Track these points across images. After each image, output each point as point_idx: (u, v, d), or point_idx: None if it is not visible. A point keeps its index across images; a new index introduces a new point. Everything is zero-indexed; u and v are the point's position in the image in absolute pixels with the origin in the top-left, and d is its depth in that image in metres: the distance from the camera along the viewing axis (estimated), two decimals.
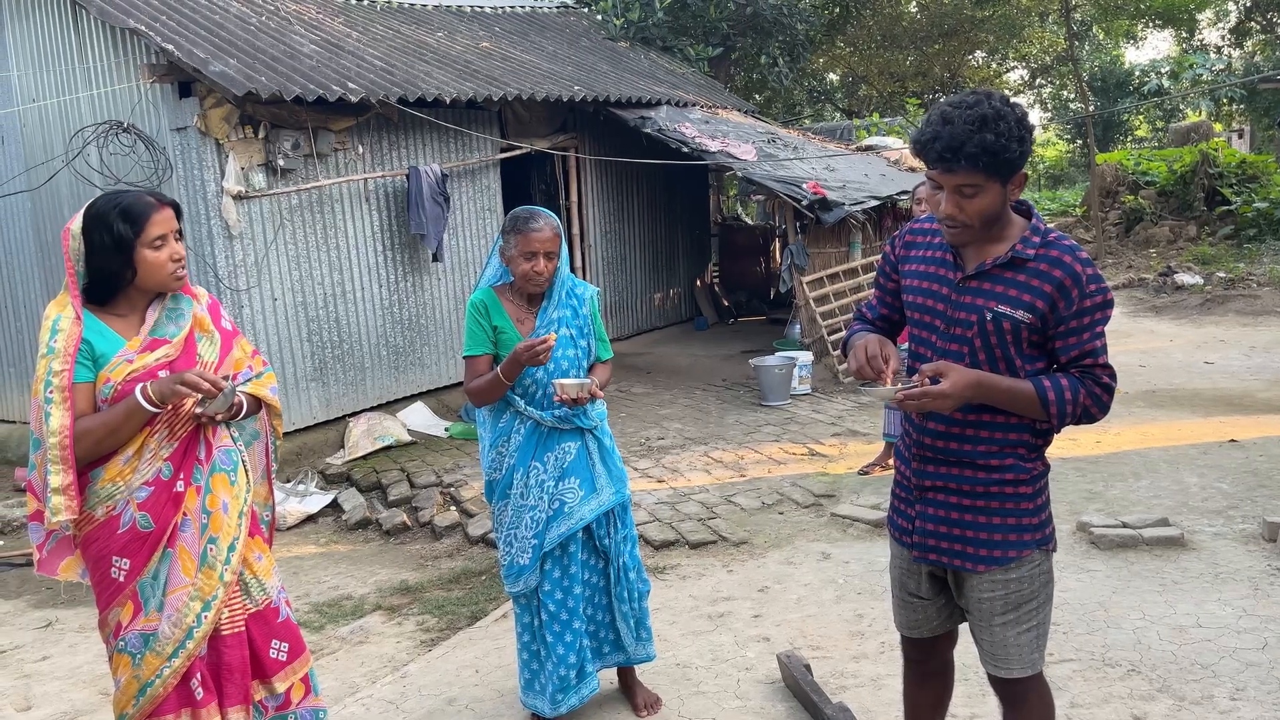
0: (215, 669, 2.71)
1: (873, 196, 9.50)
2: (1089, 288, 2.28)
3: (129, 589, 2.61)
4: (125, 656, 2.63)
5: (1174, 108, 32.72)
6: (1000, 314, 2.32)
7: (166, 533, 2.63)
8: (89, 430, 2.55)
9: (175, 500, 2.65)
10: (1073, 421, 2.33)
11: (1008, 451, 2.38)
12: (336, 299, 7.67)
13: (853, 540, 5.23)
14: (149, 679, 2.62)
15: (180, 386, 2.55)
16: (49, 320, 2.59)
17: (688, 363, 10.19)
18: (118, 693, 2.65)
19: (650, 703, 3.59)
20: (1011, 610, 2.40)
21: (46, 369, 2.54)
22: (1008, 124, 2.20)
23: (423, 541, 6.05)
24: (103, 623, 2.67)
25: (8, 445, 8.52)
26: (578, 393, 3.20)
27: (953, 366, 2.30)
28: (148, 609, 2.62)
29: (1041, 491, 2.44)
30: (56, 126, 7.60)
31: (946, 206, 2.29)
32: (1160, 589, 4.28)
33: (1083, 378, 2.31)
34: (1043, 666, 2.47)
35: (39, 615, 5.33)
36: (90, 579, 2.68)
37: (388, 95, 7.45)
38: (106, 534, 2.60)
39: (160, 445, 2.64)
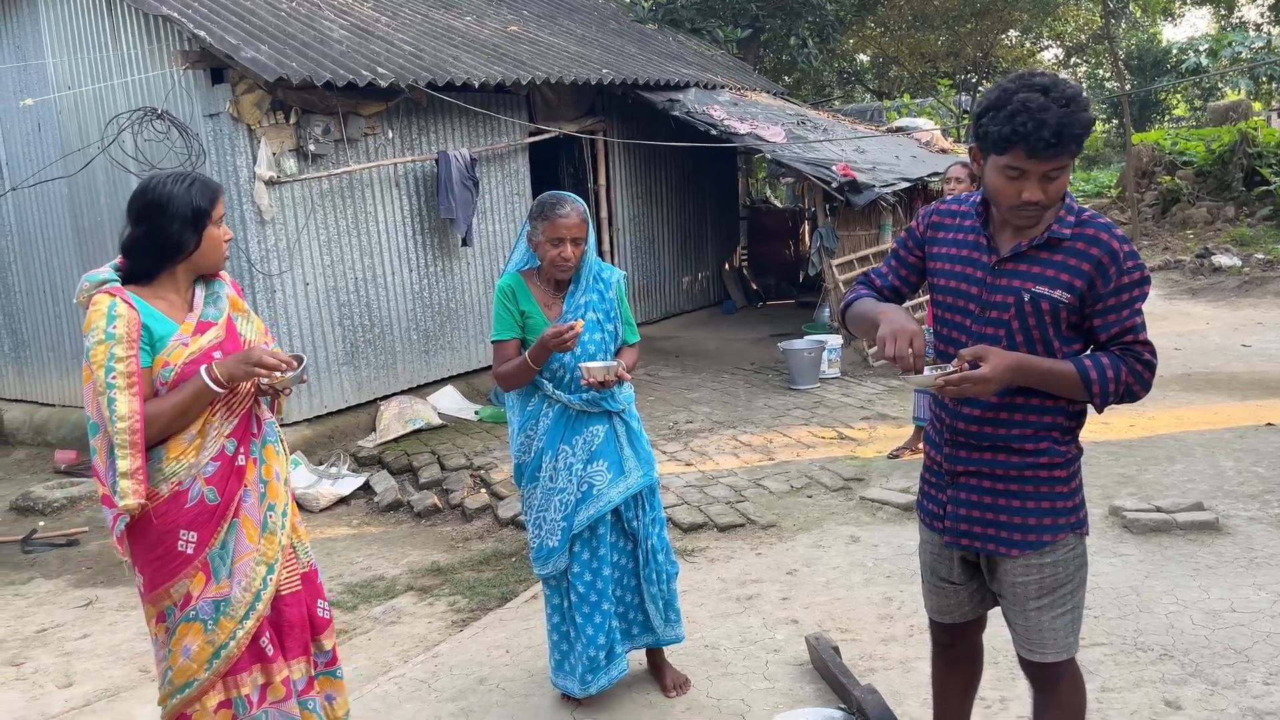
0: (278, 627, 2.86)
1: (903, 178, 9.42)
2: (1126, 264, 2.26)
3: (198, 560, 2.72)
4: (196, 624, 2.74)
5: (1212, 86, 32.11)
6: (1038, 294, 2.29)
7: (232, 505, 2.76)
8: (159, 414, 2.62)
9: (238, 474, 2.78)
10: (1115, 400, 2.30)
11: (1042, 435, 2.36)
12: (367, 283, 7.72)
13: (882, 524, 5.22)
14: (224, 641, 2.75)
15: (255, 367, 2.65)
16: (101, 305, 2.62)
17: (716, 346, 10.18)
18: (186, 660, 2.74)
19: (679, 683, 3.61)
20: (1047, 594, 2.39)
21: (108, 355, 2.57)
22: (1084, 99, 2.19)
23: (453, 523, 6.11)
24: (160, 596, 2.73)
25: (47, 428, 8.68)
26: (604, 376, 3.21)
27: (992, 350, 2.27)
28: (218, 578, 2.74)
29: (1075, 475, 2.42)
30: (92, 113, 7.69)
31: (1033, 192, 2.22)
32: (1194, 573, 4.24)
33: (1123, 355, 2.29)
34: (1077, 650, 2.46)
35: (79, 594, 5.44)
36: (147, 555, 2.73)
37: (417, 80, 7.48)
38: (174, 509, 2.69)
39: (223, 423, 2.74)
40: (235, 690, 2.79)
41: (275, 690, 2.84)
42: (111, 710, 4.01)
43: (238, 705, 2.80)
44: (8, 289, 8.94)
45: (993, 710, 3.31)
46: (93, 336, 2.61)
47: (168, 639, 2.75)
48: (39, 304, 8.72)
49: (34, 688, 4.34)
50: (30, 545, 6.25)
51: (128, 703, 4.07)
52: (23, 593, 5.54)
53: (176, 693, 2.77)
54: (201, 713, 2.76)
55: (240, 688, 2.79)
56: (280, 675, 2.85)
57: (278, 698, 2.85)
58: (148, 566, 2.74)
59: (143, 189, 2.74)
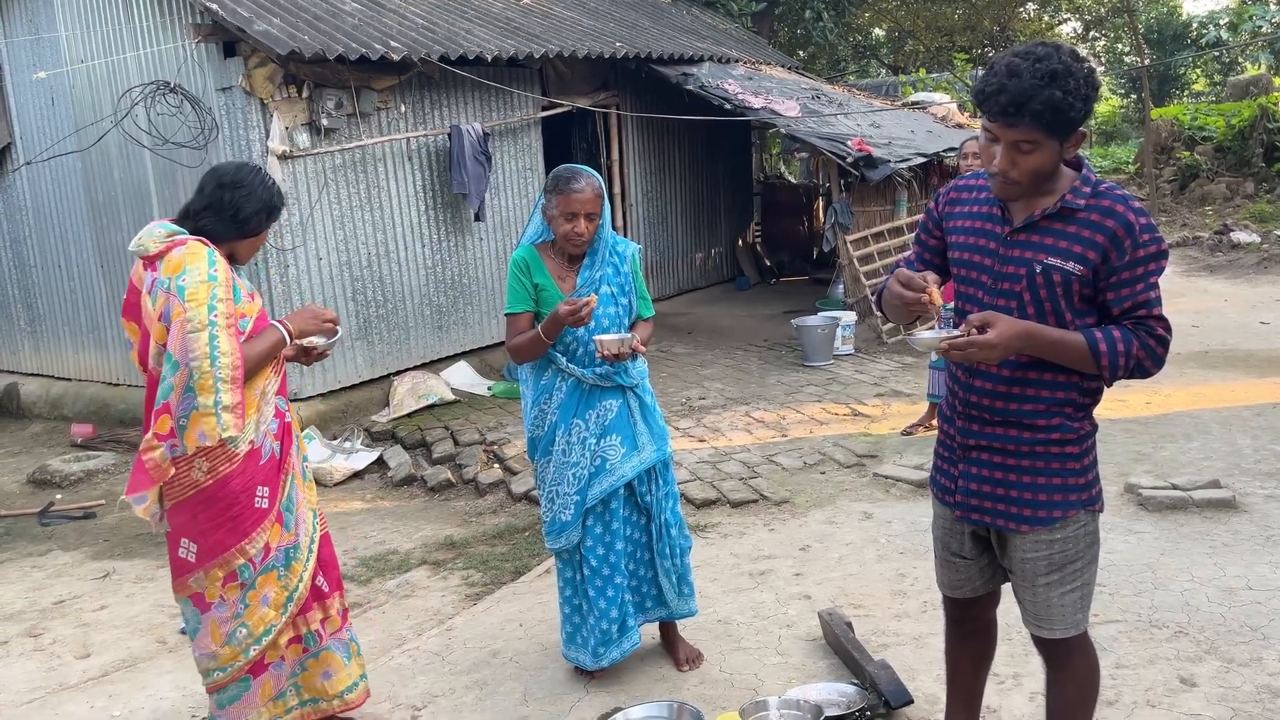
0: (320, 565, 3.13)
1: (919, 154, 9.34)
2: (1142, 237, 2.22)
3: (273, 512, 2.92)
4: (273, 573, 2.94)
5: (1232, 61, 31.68)
6: (1050, 266, 2.27)
7: (288, 458, 2.98)
8: (249, 357, 2.84)
9: (288, 429, 3.02)
10: (1125, 375, 2.27)
11: (1055, 410, 2.34)
12: (380, 258, 7.72)
13: (895, 500, 5.21)
14: (294, 585, 2.98)
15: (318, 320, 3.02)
16: (200, 251, 2.81)
17: (729, 323, 10.15)
18: (265, 609, 2.93)
19: (691, 657, 3.62)
20: (1056, 571, 2.38)
21: (210, 294, 2.75)
22: (1075, 81, 2.14)
23: (466, 498, 6.12)
24: (231, 557, 2.87)
25: (63, 402, 8.73)
26: (619, 348, 3.20)
27: (1000, 317, 2.25)
28: (289, 527, 2.97)
29: (1088, 451, 2.40)
30: (105, 87, 7.68)
31: (1001, 161, 2.24)
32: (1209, 551, 4.22)
33: (1135, 329, 2.25)
34: (1087, 627, 2.45)
35: (97, 566, 5.48)
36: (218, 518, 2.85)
37: (429, 53, 7.43)
38: (252, 466, 2.87)
39: (275, 381, 2.99)
40: (306, 627, 3.07)
41: (333, 622, 3.15)
42: (129, 680, 4.05)
43: (308, 640, 3.09)
44: (23, 264, 8.98)
45: (1006, 686, 3.30)
46: (193, 276, 2.76)
47: (242, 595, 2.90)
48: (54, 278, 8.75)
49: (52, 658, 4.38)
50: (47, 518, 6.30)
51: (145, 673, 4.10)
52: (41, 565, 5.59)
53: (254, 644, 2.93)
54: (274, 649, 2.99)
55: (310, 624, 3.08)
56: (333, 608, 3.14)
57: (335, 628, 3.15)
58: (217, 529, 2.85)
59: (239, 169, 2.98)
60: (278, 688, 3.05)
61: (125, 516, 6.35)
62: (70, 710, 3.80)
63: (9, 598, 5.11)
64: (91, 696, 3.93)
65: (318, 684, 3.11)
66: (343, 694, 3.16)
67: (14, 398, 9.04)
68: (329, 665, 3.12)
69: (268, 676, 3.02)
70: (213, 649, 2.94)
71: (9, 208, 8.92)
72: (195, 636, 2.98)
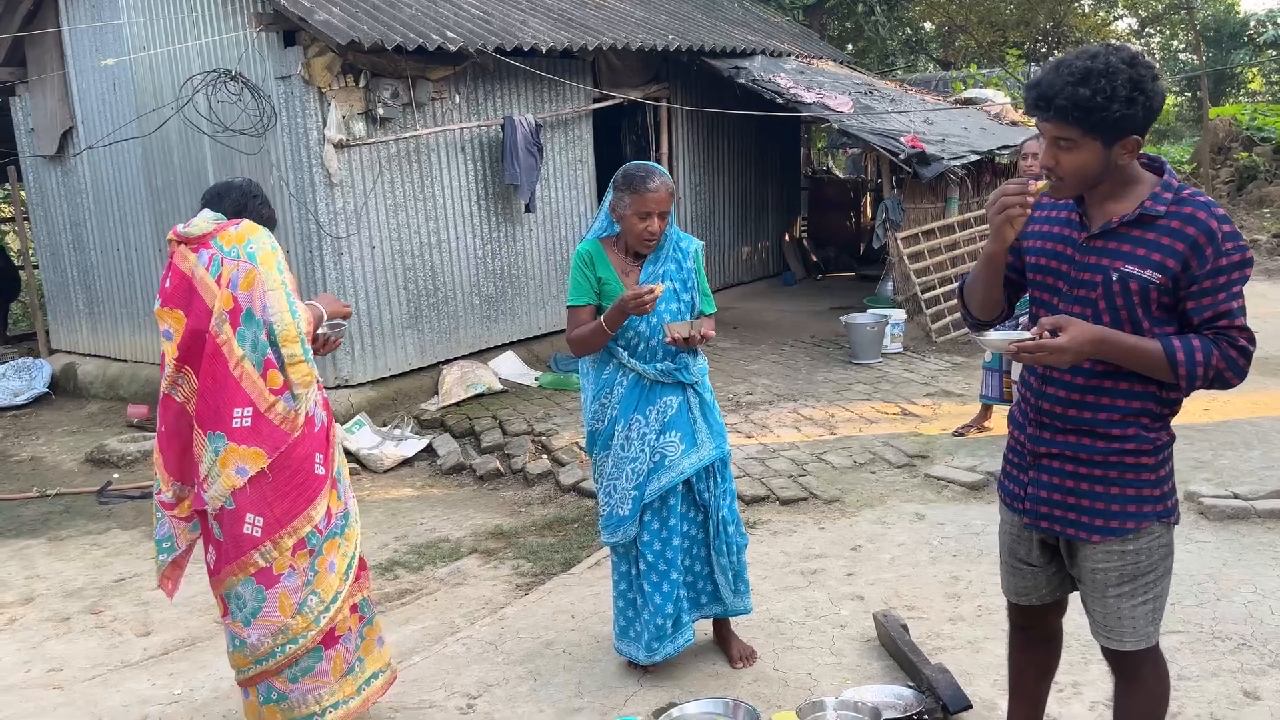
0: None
1: (973, 151, 9.23)
2: (1225, 245, 2.17)
3: (330, 477, 3.02)
4: (335, 539, 3.04)
5: None
6: (1127, 274, 2.23)
7: (332, 428, 3.10)
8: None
9: (325, 402, 3.13)
10: (1204, 385, 2.23)
11: (1130, 420, 2.30)
12: (431, 248, 7.78)
13: (947, 502, 5.17)
14: (352, 551, 3.08)
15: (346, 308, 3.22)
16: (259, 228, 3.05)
17: (775, 318, 10.11)
18: (332, 575, 3.02)
19: (745, 655, 3.62)
20: (1127, 582, 2.35)
21: (278, 260, 2.99)
22: (1112, 82, 2.10)
23: (515, 488, 6.17)
24: (300, 524, 2.96)
25: (119, 383, 8.90)
26: (688, 332, 3.22)
27: (1073, 321, 2.23)
28: (341, 493, 3.07)
29: (1165, 463, 2.35)
30: (166, 74, 7.80)
31: (1044, 156, 2.24)
32: (1273, 562, 4.15)
33: (1216, 339, 2.20)
34: (1158, 639, 2.42)
35: None
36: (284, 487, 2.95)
37: (485, 44, 7.47)
38: (310, 433, 3.00)
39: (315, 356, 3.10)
40: (360, 594, 3.14)
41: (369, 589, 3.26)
42: (189, 659, 4.13)
43: (363, 607, 3.17)
44: (82, 246, 9.16)
45: (1065, 695, 3.27)
46: (261, 244, 2.99)
47: (311, 562, 2.98)
48: (113, 261, 8.92)
49: (113, 635, 4.48)
50: (105, 497, 6.44)
51: (205, 653, 4.18)
52: (100, 543, 5.71)
53: (324, 611, 2.99)
54: (343, 620, 3.07)
55: (363, 590, 3.17)
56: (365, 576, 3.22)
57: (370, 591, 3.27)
58: (285, 498, 2.94)
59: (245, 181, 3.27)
60: (347, 662, 3.11)
61: None
62: (133, 687, 3.88)
63: (70, 574, 5.23)
64: (153, 674, 4.01)
65: (375, 651, 3.21)
66: (390, 663, 3.28)
67: (72, 377, 9.24)
68: (381, 631, 3.27)
69: (338, 650, 3.07)
70: (283, 622, 2.97)
71: (69, 191, 9.10)
72: (255, 618, 3.00)
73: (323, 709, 3.05)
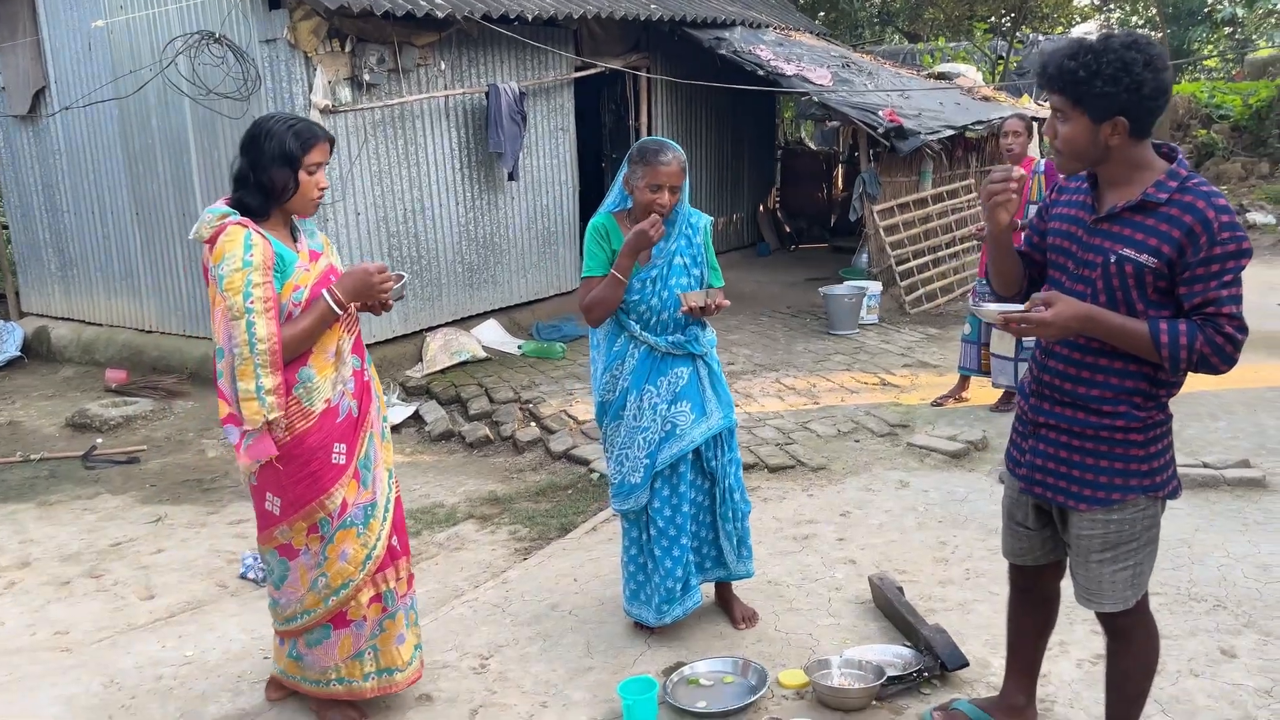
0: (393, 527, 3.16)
1: (948, 126, 9.38)
2: (1221, 235, 2.26)
3: (350, 469, 2.97)
4: (351, 529, 2.99)
5: (1246, 39, 31.51)
6: (1124, 257, 2.35)
7: (368, 416, 3.02)
8: (292, 336, 2.83)
9: (366, 387, 3.05)
10: (1188, 367, 2.34)
11: (1122, 399, 2.42)
12: (415, 215, 7.78)
13: (930, 470, 5.34)
14: (373, 544, 3.03)
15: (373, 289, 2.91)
16: (237, 236, 2.79)
17: (752, 289, 10.23)
18: (343, 564, 3.00)
19: (747, 616, 3.76)
20: (1110, 549, 2.49)
21: (245, 281, 2.75)
22: (1099, 59, 2.24)
23: (505, 455, 6.25)
24: (312, 511, 2.96)
25: (94, 346, 8.82)
26: (704, 301, 3.33)
27: (1062, 297, 2.37)
28: (366, 484, 3.02)
29: (1156, 440, 2.46)
30: (145, 35, 7.68)
31: (1046, 126, 2.44)
32: (1242, 528, 4.37)
33: (1204, 325, 2.30)
34: (1137, 601, 2.55)
35: (147, 510, 5.62)
36: (297, 474, 2.93)
37: (472, 11, 7.44)
38: (329, 424, 2.92)
39: (348, 340, 2.99)
40: (385, 585, 3.10)
41: (401, 584, 3.17)
42: (197, 622, 4.19)
43: (387, 599, 3.12)
44: (55, 208, 9.02)
45: (1054, 654, 3.43)
46: (229, 265, 2.76)
47: (322, 547, 2.98)
48: (87, 224, 8.80)
49: (116, 599, 4.52)
50: (91, 461, 6.43)
51: (211, 615, 4.24)
52: (91, 507, 5.72)
53: (332, 595, 3.01)
54: (356, 607, 3.05)
55: (388, 582, 3.12)
56: (404, 570, 3.18)
57: (404, 591, 3.19)
58: (298, 485, 2.93)
59: (253, 124, 2.92)
60: (356, 647, 3.09)
61: (169, 462, 6.49)
62: (142, 649, 3.93)
63: (64, 539, 5.25)
64: (162, 637, 4.06)
65: (393, 649, 3.13)
66: (411, 661, 3.19)
67: (45, 341, 9.13)
68: (402, 628, 3.16)
69: (348, 633, 3.07)
70: (301, 593, 3.06)
71: (42, 151, 8.95)
72: (283, 584, 3.09)
73: (327, 681, 3.13)
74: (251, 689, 3.50)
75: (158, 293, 8.41)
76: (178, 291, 8.24)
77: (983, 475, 5.21)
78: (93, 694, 3.54)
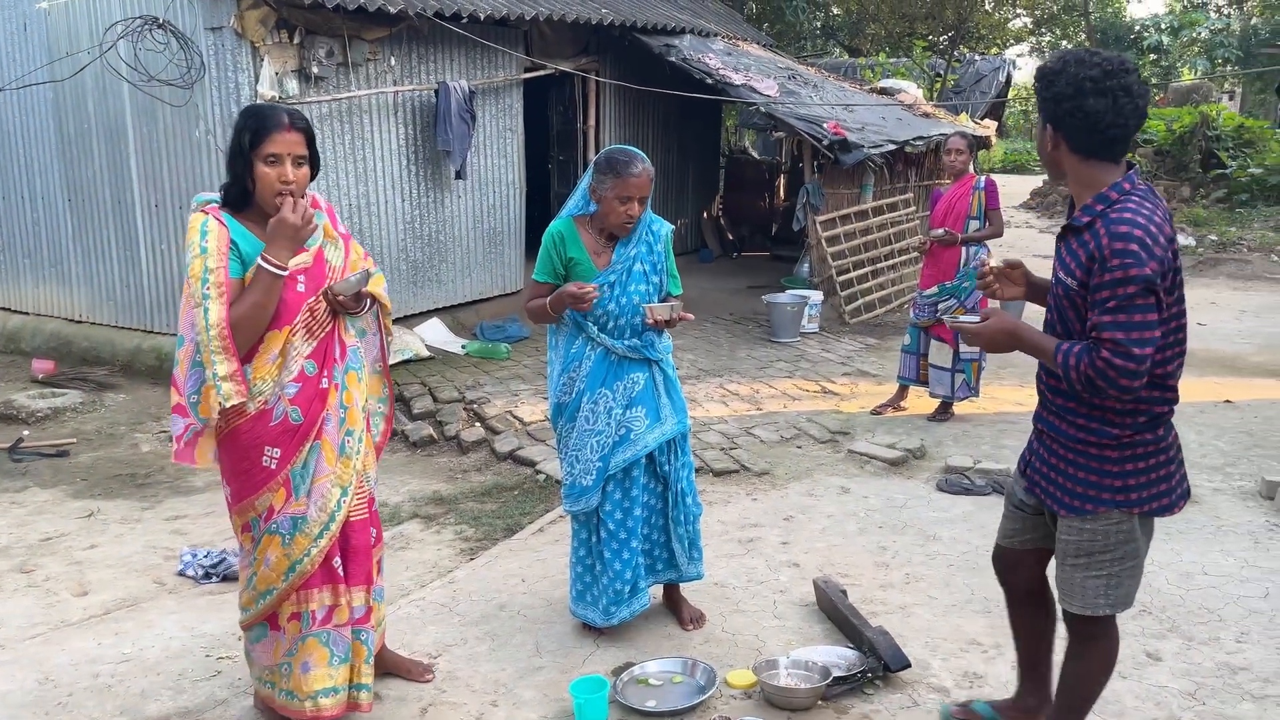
0: (344, 552, 2.98)
1: (890, 140, 9.58)
2: (1110, 262, 2.32)
3: (281, 475, 2.85)
4: (276, 537, 2.89)
5: (1170, 65, 32.73)
6: (1059, 278, 2.50)
7: (315, 426, 2.87)
8: (240, 315, 2.73)
9: (321, 396, 2.89)
10: (1081, 387, 2.40)
11: (1094, 415, 2.50)
12: (361, 210, 7.70)
13: (870, 476, 5.46)
14: (298, 557, 2.89)
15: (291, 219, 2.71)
16: (195, 224, 2.76)
17: (696, 295, 10.28)
18: (266, 569, 2.91)
19: (695, 617, 3.82)
20: (1083, 556, 2.59)
21: (202, 268, 2.70)
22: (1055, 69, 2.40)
23: (450, 455, 6.23)
24: (246, 507, 2.90)
25: (20, 336, 8.56)
26: (668, 315, 3.38)
27: (999, 312, 2.55)
28: (297, 495, 2.88)
29: (1135, 458, 2.51)
30: (83, 18, 7.49)
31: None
32: (1166, 537, 4.55)
33: (1091, 349, 2.37)
34: (1107, 612, 2.63)
35: (79, 505, 5.47)
36: (235, 467, 2.88)
37: (424, 8, 7.40)
38: (260, 425, 2.82)
39: (302, 344, 2.85)
40: (305, 605, 2.94)
41: (340, 613, 2.99)
42: (134, 619, 4.10)
43: (304, 620, 2.95)
44: None
45: (990, 655, 3.57)
46: (190, 253, 2.74)
47: (253, 548, 2.92)
48: (16, 209, 8.53)
49: (49, 595, 4.40)
50: (19, 454, 6.24)
51: (149, 613, 4.16)
52: (19, 501, 5.55)
53: (260, 598, 2.94)
54: (281, 617, 2.95)
55: (309, 603, 2.94)
56: (345, 599, 2.99)
57: (341, 621, 2.99)
58: (235, 478, 2.88)
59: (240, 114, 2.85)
60: (277, 657, 2.98)
61: (101, 456, 6.33)
62: (78, 646, 3.84)
63: None
64: (98, 634, 3.97)
65: (297, 674, 2.93)
66: (315, 696, 2.92)
67: None
68: (310, 656, 2.93)
69: (278, 637, 2.98)
70: (242, 586, 3.01)
71: None
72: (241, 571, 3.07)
73: (261, 681, 3.07)
74: (194, 687, 3.46)
75: (89, 282, 8.19)
76: (110, 281, 8.04)
77: (921, 483, 5.35)
78: (27, 691, 3.46)
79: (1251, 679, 3.40)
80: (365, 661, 3.05)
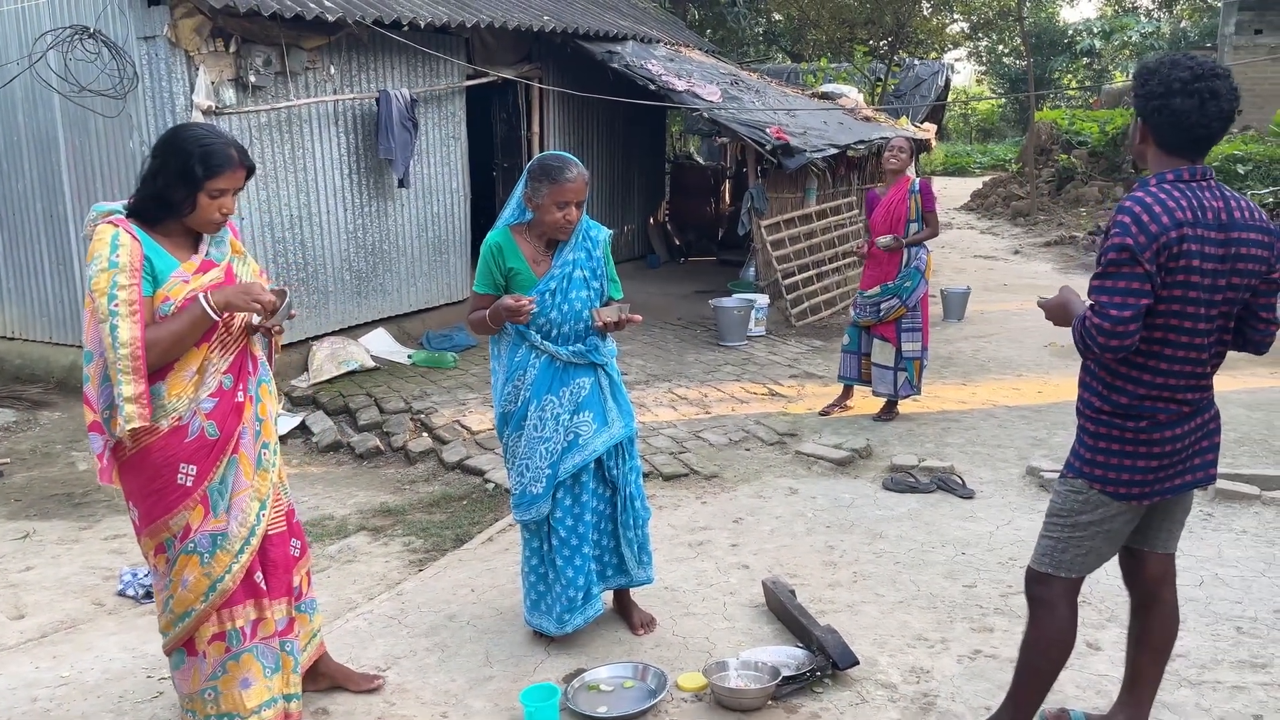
0: (264, 566, 2.94)
1: (832, 145, 9.69)
2: (1111, 231, 2.53)
3: (197, 493, 2.79)
4: (194, 556, 2.81)
5: (1103, 69, 33.60)
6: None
7: (231, 441, 2.82)
8: (157, 340, 2.67)
9: (237, 410, 2.84)
10: (1077, 346, 2.57)
11: (1089, 383, 2.70)
12: (302, 221, 7.61)
13: (817, 477, 5.52)
14: (219, 575, 2.83)
15: (254, 300, 2.71)
16: (105, 235, 2.68)
17: (643, 300, 10.33)
18: (184, 591, 2.83)
19: (646, 622, 3.82)
20: (1050, 516, 2.80)
21: (110, 282, 2.62)
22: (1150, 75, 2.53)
23: (397, 466, 6.17)
24: (159, 528, 2.81)
25: None
26: (616, 317, 3.39)
27: (1066, 287, 2.73)
28: (216, 512, 2.82)
29: (1106, 438, 2.64)
30: (11, 27, 7.31)
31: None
32: None
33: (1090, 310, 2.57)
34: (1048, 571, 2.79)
35: (14, 526, 5.34)
36: (146, 487, 2.79)
37: (363, 15, 7.35)
38: (174, 442, 2.75)
39: (219, 359, 2.81)
40: (230, 623, 2.89)
41: (266, 626, 2.95)
42: (72, 641, 4.01)
43: (231, 638, 2.90)
44: None
45: (936, 650, 3.62)
46: (95, 265, 2.66)
47: (168, 570, 2.84)
48: None
49: None
50: None
51: (88, 635, 4.06)
52: None
53: (177, 621, 2.86)
54: (199, 642, 2.87)
55: (235, 620, 2.89)
56: (272, 613, 2.95)
57: (268, 633, 2.95)
58: (145, 499, 2.80)
59: (171, 130, 2.80)
60: (199, 684, 2.90)
61: (36, 476, 6.17)
62: (15, 671, 3.74)
63: None
64: (35, 658, 3.87)
65: (235, 693, 2.87)
66: (260, 710, 2.90)
67: None
68: (248, 672, 2.89)
69: (196, 663, 2.90)
70: (159, 610, 2.93)
71: None
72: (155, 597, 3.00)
73: (184, 709, 2.98)
74: (135, 709, 3.38)
75: (20, 297, 7.99)
76: (43, 296, 7.85)
77: (867, 482, 5.41)
78: None
79: (1189, 665, 3.49)
80: (293, 671, 3.03)
